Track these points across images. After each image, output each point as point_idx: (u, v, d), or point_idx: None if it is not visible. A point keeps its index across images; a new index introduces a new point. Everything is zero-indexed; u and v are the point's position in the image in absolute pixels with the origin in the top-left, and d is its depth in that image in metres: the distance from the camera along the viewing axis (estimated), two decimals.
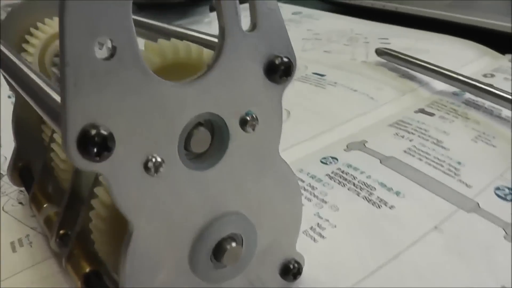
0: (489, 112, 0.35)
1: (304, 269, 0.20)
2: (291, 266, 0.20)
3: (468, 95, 0.38)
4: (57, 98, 0.14)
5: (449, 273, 0.22)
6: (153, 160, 0.13)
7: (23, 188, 0.29)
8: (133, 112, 0.13)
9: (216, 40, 0.15)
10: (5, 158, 0.33)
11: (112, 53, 0.12)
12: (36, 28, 0.25)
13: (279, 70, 0.15)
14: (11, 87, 0.26)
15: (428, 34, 0.52)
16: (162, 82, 0.13)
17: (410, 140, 0.32)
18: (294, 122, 0.36)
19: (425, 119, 0.35)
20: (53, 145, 0.23)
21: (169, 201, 0.15)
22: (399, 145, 0.32)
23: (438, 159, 0.30)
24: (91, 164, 0.12)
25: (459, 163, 0.30)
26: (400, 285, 0.21)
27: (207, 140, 0.15)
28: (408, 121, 0.35)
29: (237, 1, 0.14)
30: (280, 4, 0.15)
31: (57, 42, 0.25)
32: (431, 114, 0.36)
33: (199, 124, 0.15)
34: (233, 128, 0.15)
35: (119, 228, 0.16)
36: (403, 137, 0.33)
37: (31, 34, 0.25)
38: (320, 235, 0.24)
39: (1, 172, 0.32)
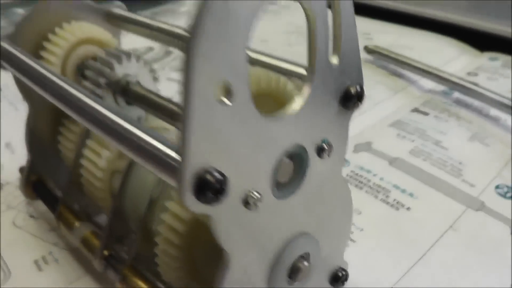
0: (479, 111, 0.38)
1: None
2: (340, 274, 0.20)
3: (457, 94, 0.40)
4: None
5: (472, 268, 0.23)
6: (253, 196, 0.14)
7: (29, 200, 0.27)
8: (240, 152, 0.13)
9: (299, 70, 0.15)
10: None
11: (230, 97, 0.12)
12: (54, 33, 0.24)
13: (354, 98, 0.16)
14: (26, 95, 0.25)
15: (410, 30, 0.53)
16: (264, 117, 0.13)
17: (412, 141, 0.34)
18: None
19: (421, 119, 0.37)
20: (83, 161, 0.22)
21: (260, 231, 0.15)
22: (403, 146, 0.33)
23: (440, 159, 0.32)
24: (206, 208, 0.12)
25: (460, 163, 0.32)
26: (433, 284, 0.23)
27: (291, 170, 0.15)
28: (406, 121, 0.37)
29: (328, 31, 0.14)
30: None
31: (79, 50, 0.24)
32: (426, 114, 0.38)
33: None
34: (311, 156, 0.16)
35: (190, 255, 0.16)
36: (404, 137, 0.34)
37: (48, 40, 0.23)
38: (350, 239, 0.25)
39: (1, 182, 0.30)
